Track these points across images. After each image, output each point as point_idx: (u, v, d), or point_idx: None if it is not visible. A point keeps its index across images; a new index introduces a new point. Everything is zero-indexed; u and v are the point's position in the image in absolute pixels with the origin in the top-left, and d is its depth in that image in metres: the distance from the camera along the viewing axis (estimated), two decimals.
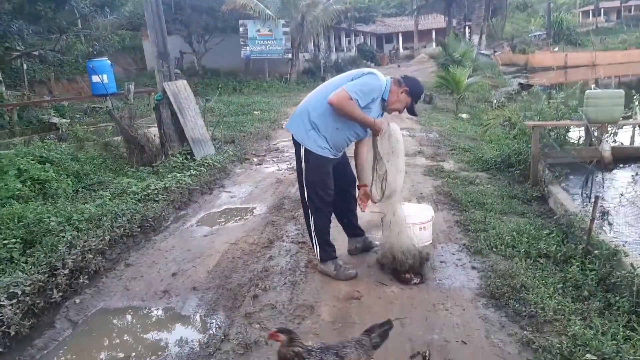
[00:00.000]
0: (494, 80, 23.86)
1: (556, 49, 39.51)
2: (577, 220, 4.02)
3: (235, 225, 4.90)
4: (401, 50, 42.61)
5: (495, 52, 36.93)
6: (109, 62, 11.08)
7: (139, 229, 4.68)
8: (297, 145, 3.42)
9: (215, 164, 7.04)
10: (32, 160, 6.40)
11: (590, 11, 53.74)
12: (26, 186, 5.57)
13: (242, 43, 21.94)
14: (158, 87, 7.65)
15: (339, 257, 3.78)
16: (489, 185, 5.79)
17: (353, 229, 3.84)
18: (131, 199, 5.36)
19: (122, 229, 4.49)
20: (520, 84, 25.49)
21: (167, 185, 5.83)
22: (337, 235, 4.06)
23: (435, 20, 41.28)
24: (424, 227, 3.96)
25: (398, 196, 3.41)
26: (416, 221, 3.92)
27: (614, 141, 6.92)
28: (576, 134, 7.63)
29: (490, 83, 21.88)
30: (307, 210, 3.49)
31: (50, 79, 12.50)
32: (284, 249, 4.14)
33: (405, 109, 3.45)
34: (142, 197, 5.50)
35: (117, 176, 6.64)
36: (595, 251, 3.46)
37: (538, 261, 3.61)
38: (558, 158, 6.24)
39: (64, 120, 10.36)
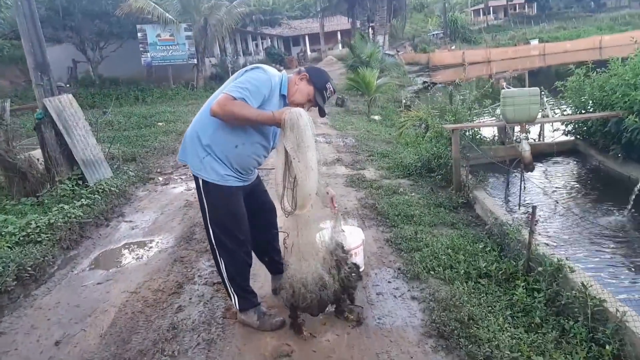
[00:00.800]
0: (400, 79, 24.44)
1: (453, 47, 41.62)
2: (512, 231, 3.79)
3: (137, 266, 4.18)
4: (309, 52, 42.66)
5: (398, 52, 38.09)
6: None
7: (14, 282, 3.82)
8: (195, 178, 2.83)
9: (111, 188, 6.19)
10: None
11: (481, 10, 57.36)
12: None
13: (141, 49, 20.60)
14: (38, 103, 6.63)
15: (263, 299, 3.24)
16: (413, 194, 5.53)
17: (276, 266, 3.31)
18: (6, 243, 4.45)
19: None
20: (424, 82, 26.39)
21: (52, 221, 4.94)
22: (259, 269, 3.51)
23: (339, 22, 41.77)
24: (355, 253, 3.52)
25: (312, 201, 2.71)
26: (346, 247, 3.49)
27: (526, 138, 7.00)
28: (489, 132, 7.68)
29: (398, 83, 22.34)
30: (216, 254, 2.91)
31: None
32: (195, 294, 3.51)
33: (316, 108, 2.86)
34: (21, 238, 4.59)
35: None
36: (539, 268, 3.22)
37: (479, 283, 3.31)
38: (477, 159, 6.13)
39: None
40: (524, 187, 5.34)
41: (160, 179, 7.37)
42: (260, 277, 3.58)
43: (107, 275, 4.06)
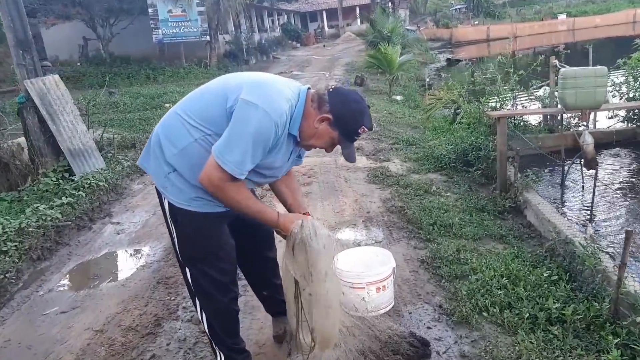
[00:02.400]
0: (423, 56, 23.19)
1: (476, 22, 39.85)
2: (585, 255, 2.91)
3: (112, 288, 3.41)
4: (326, 28, 41.31)
5: (419, 27, 36.55)
6: None
7: None
8: (159, 194, 2.04)
9: (100, 183, 5.42)
10: None
11: None
12: None
13: (152, 26, 19.75)
14: (20, 85, 5.88)
15: (261, 349, 2.46)
16: (448, 194, 4.65)
17: (276, 306, 2.49)
18: None
19: None
20: (448, 59, 25.06)
21: (22, 225, 4.21)
22: (257, 303, 2.70)
23: None
24: (383, 287, 2.71)
25: (336, 341, 2.05)
26: (373, 279, 2.67)
27: (578, 125, 6.04)
28: (533, 117, 6.73)
29: (420, 60, 21.15)
30: (195, 300, 2.12)
31: None
32: (176, 336, 2.73)
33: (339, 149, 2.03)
34: None
35: None
36: (635, 317, 2.35)
37: (551, 332, 2.45)
38: (523, 150, 5.21)
39: None
40: (583, 187, 4.43)
41: None
42: (259, 314, 2.78)
43: (75, 300, 3.31)
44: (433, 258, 3.31)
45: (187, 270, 2.08)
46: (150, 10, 19.35)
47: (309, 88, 2.00)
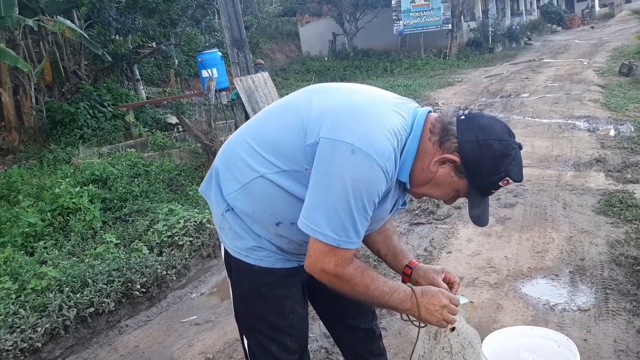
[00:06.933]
0: None
1: None
2: None
3: None
4: (597, 7, 35.42)
5: None
6: (219, 54, 10.14)
7: (113, 304, 3.21)
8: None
9: None
10: (82, 179, 5.56)
11: None
12: (46, 219, 4.61)
13: (394, 17, 19.88)
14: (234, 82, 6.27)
15: None
16: None
17: None
18: (146, 244, 4.02)
19: (77, 309, 3.02)
20: None
21: (204, 220, 4.36)
22: None
23: None
24: None
25: None
26: None
27: None
28: None
29: None
30: None
31: (170, 76, 12.16)
32: None
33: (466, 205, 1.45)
34: (165, 239, 4.10)
35: (173, 198, 5.42)
36: None
37: None
38: None
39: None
40: None
41: None
42: None
43: (214, 311, 3.16)
44: None
45: (244, 339, 1.59)
46: (393, 2, 19.46)
47: (430, 111, 1.36)
